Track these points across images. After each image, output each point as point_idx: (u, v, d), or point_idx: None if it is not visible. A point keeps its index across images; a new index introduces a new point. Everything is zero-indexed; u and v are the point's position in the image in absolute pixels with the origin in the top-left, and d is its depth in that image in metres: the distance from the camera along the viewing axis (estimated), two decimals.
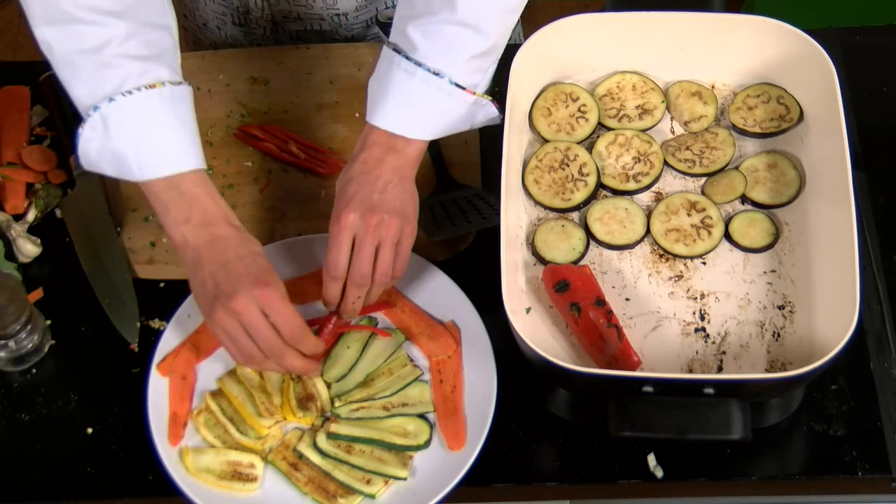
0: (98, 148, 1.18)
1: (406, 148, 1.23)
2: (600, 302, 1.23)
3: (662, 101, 1.41)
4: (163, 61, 1.20)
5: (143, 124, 1.17)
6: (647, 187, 1.36)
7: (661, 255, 1.32)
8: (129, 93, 1.16)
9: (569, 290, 1.24)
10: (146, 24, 1.19)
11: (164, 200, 1.19)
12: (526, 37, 1.35)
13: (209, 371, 1.31)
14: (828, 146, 1.29)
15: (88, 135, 1.18)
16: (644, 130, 1.39)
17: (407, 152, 1.23)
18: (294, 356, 1.19)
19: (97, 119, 1.17)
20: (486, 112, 1.27)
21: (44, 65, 1.20)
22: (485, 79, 1.25)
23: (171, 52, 1.22)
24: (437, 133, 1.24)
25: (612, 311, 1.23)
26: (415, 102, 1.22)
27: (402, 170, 1.23)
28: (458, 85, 1.21)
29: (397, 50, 1.22)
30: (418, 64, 1.20)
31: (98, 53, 1.16)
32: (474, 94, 1.23)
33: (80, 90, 1.17)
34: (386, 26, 1.54)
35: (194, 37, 1.67)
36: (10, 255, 1.39)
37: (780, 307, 1.28)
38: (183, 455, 1.24)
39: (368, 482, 1.22)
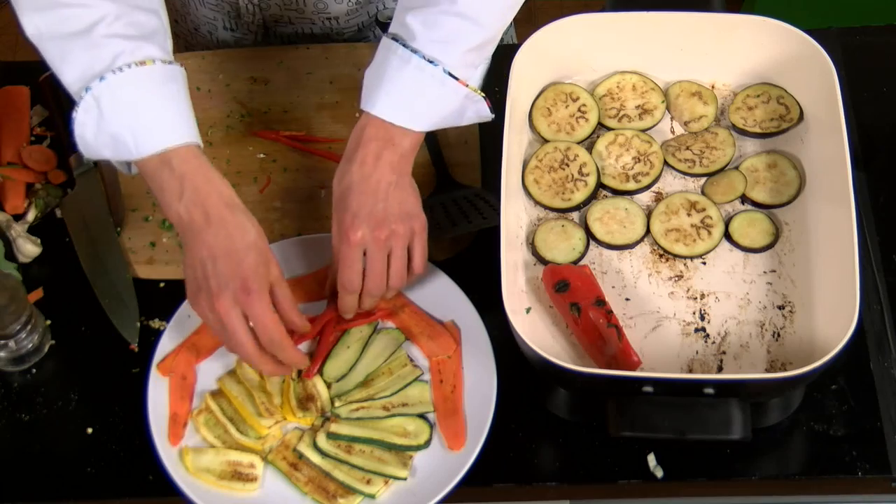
0: (94, 131, 1.18)
1: (402, 141, 1.23)
2: (600, 302, 1.23)
3: (662, 101, 1.41)
4: (153, 41, 1.19)
5: (136, 100, 1.16)
6: (647, 187, 1.36)
7: (661, 255, 1.32)
8: (120, 70, 1.16)
9: (569, 290, 1.24)
10: (134, 7, 1.19)
11: (158, 179, 1.19)
12: (524, 37, 1.35)
13: (209, 371, 1.31)
14: (828, 146, 1.29)
15: (83, 118, 1.18)
16: (644, 130, 1.39)
17: (403, 145, 1.23)
18: (266, 362, 1.20)
19: (90, 101, 1.16)
20: (478, 109, 1.27)
21: (44, 65, 1.20)
22: (476, 74, 1.26)
23: (161, 33, 1.22)
24: (430, 124, 1.24)
25: (612, 311, 1.23)
26: (408, 90, 1.22)
27: (399, 166, 1.23)
28: (451, 75, 1.22)
29: (395, 38, 1.23)
30: (414, 51, 1.21)
31: (87, 35, 1.16)
32: (467, 86, 1.23)
33: (71, 74, 1.17)
34: (386, 26, 1.54)
35: (185, 42, 1.66)
36: (10, 255, 1.39)
37: (780, 307, 1.28)
38: (183, 455, 1.24)
39: (368, 482, 1.22)
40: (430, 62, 1.21)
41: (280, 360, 1.21)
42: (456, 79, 1.22)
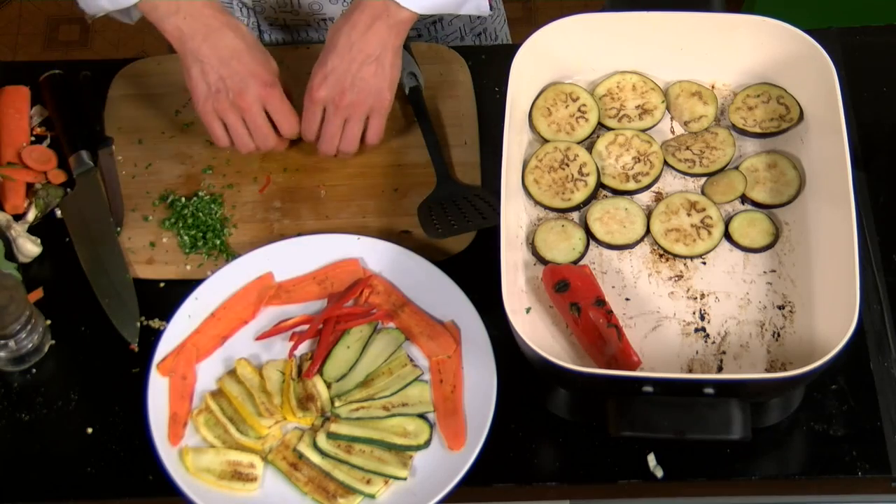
0: None
1: (397, 14, 1.28)
2: (600, 302, 1.23)
3: (662, 101, 1.41)
4: None
5: None
6: (647, 187, 1.36)
7: (661, 255, 1.32)
8: None
9: (569, 290, 1.24)
10: None
11: (158, 11, 1.27)
12: (524, 37, 1.35)
13: (209, 371, 1.31)
14: (828, 146, 1.29)
15: None
16: (644, 130, 1.39)
17: (399, 18, 1.29)
18: (278, 141, 1.38)
19: None
20: (478, 1, 1.35)
21: (44, 65, 1.20)
22: None
23: None
24: (428, 5, 1.29)
25: (611, 311, 1.23)
26: None
27: (387, 40, 1.29)
28: None
29: None
30: None
31: None
32: None
33: None
34: None
35: None
36: (10, 255, 1.39)
37: (780, 307, 1.28)
38: (183, 455, 1.24)
39: (368, 482, 1.22)
40: None
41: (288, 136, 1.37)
42: None
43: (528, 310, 1.28)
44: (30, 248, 1.39)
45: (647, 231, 1.33)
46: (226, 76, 1.29)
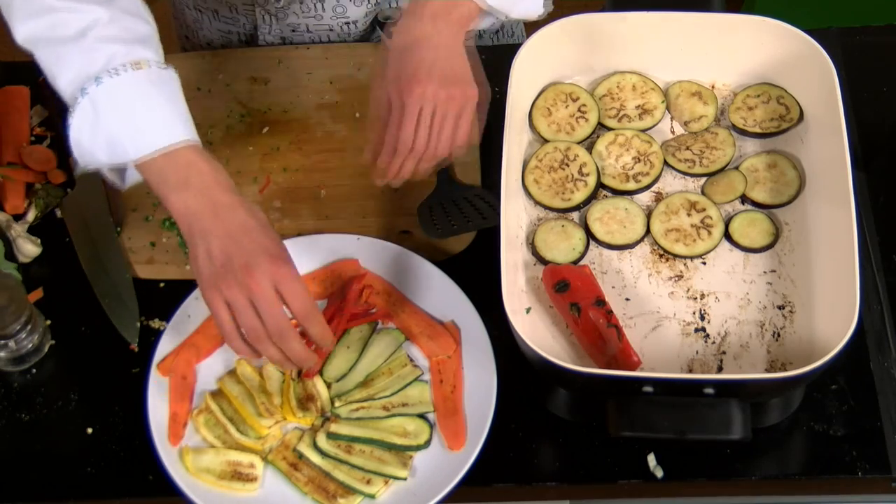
0: (90, 134, 1.16)
1: (459, 9, 1.22)
2: (600, 302, 1.23)
3: (662, 101, 1.40)
4: (146, 45, 1.18)
5: (133, 100, 1.15)
6: (647, 187, 1.36)
7: (661, 255, 1.32)
8: (116, 72, 1.14)
9: (569, 290, 1.24)
10: (125, 12, 1.18)
11: (161, 172, 1.15)
12: (526, 37, 1.35)
13: (209, 371, 1.31)
14: (828, 146, 1.29)
15: (79, 123, 1.16)
16: (644, 130, 1.39)
17: (462, 11, 1.23)
18: (297, 341, 1.15)
19: (86, 104, 1.15)
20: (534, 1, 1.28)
21: None
22: None
23: (153, 39, 1.21)
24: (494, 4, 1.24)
25: (612, 311, 1.23)
26: None
27: (457, 32, 1.23)
28: None
29: None
30: None
31: (81, 39, 1.15)
32: None
33: (65, 78, 1.16)
34: (385, 26, 1.55)
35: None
36: (10, 255, 1.39)
37: (780, 307, 1.28)
38: (183, 455, 1.24)
39: (368, 482, 1.22)
40: None
41: (312, 333, 1.17)
42: None
43: (528, 310, 1.28)
44: (30, 248, 1.39)
45: (647, 231, 1.33)
46: (233, 253, 1.12)
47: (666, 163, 1.37)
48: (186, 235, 1.16)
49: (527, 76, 1.36)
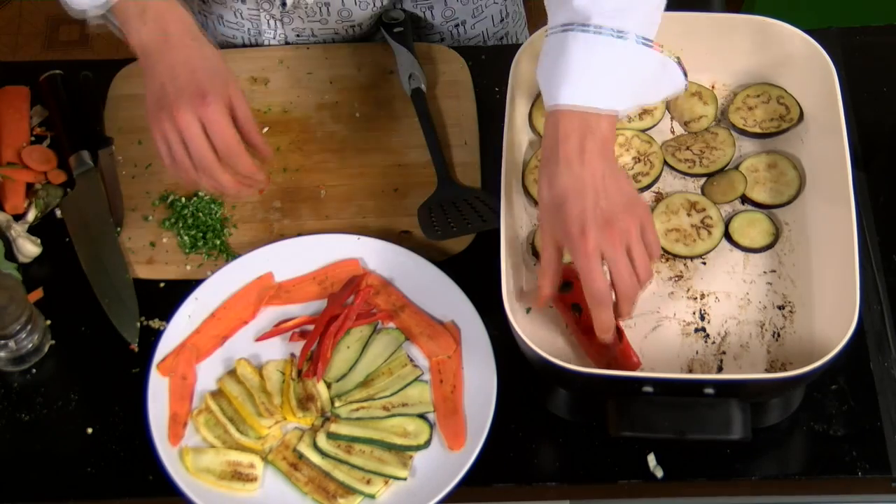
0: None
1: (600, 125, 1.15)
2: None
3: (662, 101, 1.40)
4: None
5: None
6: (647, 187, 1.36)
7: (661, 255, 1.32)
8: None
9: (571, 291, 1.24)
10: None
11: (127, 14, 1.24)
12: (528, 36, 1.35)
13: (209, 371, 1.31)
14: (828, 146, 1.29)
15: None
16: (644, 130, 1.39)
17: (603, 130, 1.15)
18: (223, 173, 1.24)
19: None
20: (673, 79, 1.22)
21: (44, 65, 1.20)
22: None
23: None
24: (629, 100, 1.18)
25: None
26: (602, 69, 1.15)
27: (605, 153, 1.15)
28: (645, 40, 1.16)
29: (567, 27, 1.16)
30: (598, 29, 1.15)
31: None
32: (661, 50, 1.18)
33: None
34: (389, 26, 1.55)
35: None
36: (10, 255, 1.39)
37: (780, 307, 1.28)
38: (183, 455, 1.24)
39: (368, 482, 1.22)
40: (620, 33, 1.15)
41: (237, 171, 1.24)
42: (649, 45, 1.16)
43: (528, 310, 1.28)
44: (30, 248, 1.39)
45: None
46: (170, 90, 1.21)
47: (666, 163, 1.37)
48: (144, 74, 1.24)
49: (527, 76, 1.36)
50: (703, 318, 1.27)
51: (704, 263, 1.31)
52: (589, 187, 1.14)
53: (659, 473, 1.25)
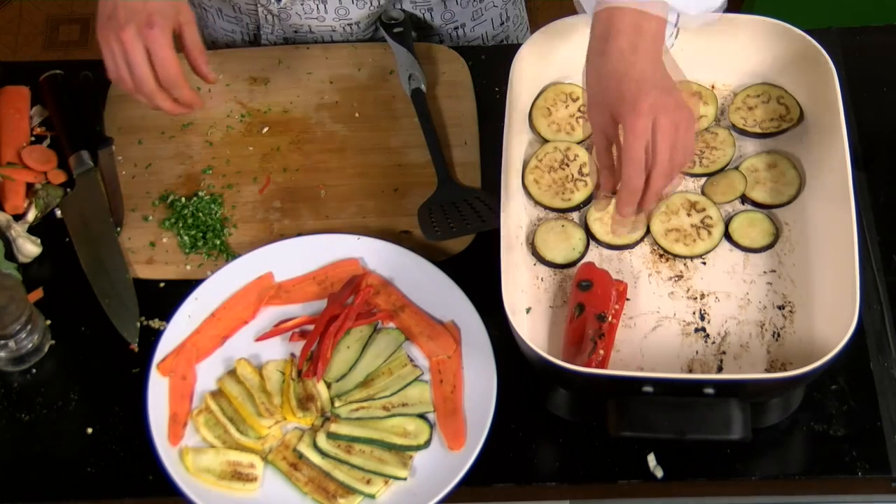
0: None
1: (651, 25, 1.13)
2: (602, 317, 1.23)
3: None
4: None
5: None
6: None
7: (661, 255, 1.32)
8: None
9: (587, 293, 1.24)
10: None
11: None
12: (524, 37, 1.35)
13: (209, 371, 1.31)
14: (828, 146, 1.29)
15: None
16: None
17: (654, 30, 1.13)
18: (164, 98, 1.27)
19: None
20: None
21: (44, 65, 1.20)
22: None
23: None
24: (676, 3, 1.16)
25: (604, 335, 1.22)
26: None
27: (655, 56, 1.14)
28: None
29: None
30: None
31: None
32: None
33: None
34: (389, 27, 1.55)
35: None
36: (10, 255, 1.39)
37: (780, 307, 1.28)
38: (183, 455, 1.24)
39: (368, 482, 1.22)
40: None
41: (175, 97, 1.27)
42: None
43: (528, 310, 1.28)
44: (30, 248, 1.39)
45: (647, 231, 1.33)
46: (120, 9, 1.25)
47: None
48: None
49: (527, 76, 1.36)
50: (703, 318, 1.27)
51: (704, 263, 1.31)
52: (641, 73, 1.12)
53: (659, 473, 1.25)
